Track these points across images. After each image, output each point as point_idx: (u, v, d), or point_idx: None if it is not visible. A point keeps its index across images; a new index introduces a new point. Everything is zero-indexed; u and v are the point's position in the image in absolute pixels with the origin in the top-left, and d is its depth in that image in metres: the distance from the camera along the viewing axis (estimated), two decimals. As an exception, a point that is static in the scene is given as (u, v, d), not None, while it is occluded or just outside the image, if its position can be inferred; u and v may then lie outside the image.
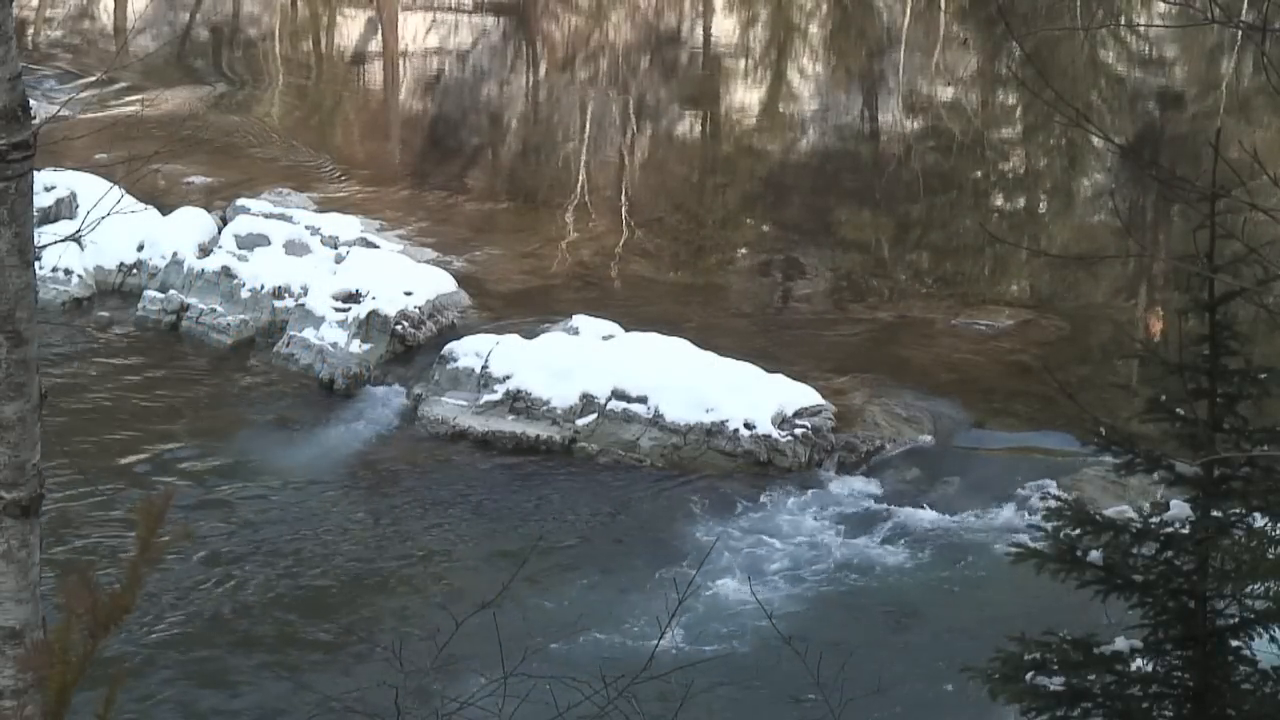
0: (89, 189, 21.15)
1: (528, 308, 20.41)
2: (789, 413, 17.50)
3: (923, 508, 16.44)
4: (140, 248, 21.35)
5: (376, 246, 21.28)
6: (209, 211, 22.20)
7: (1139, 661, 7.66)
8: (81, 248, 20.83)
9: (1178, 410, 7.68)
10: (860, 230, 24.56)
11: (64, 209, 21.75)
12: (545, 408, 17.95)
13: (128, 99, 26.70)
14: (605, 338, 18.72)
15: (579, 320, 19.06)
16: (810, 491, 16.79)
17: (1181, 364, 7.63)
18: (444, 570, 15.60)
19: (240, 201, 22.44)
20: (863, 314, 20.97)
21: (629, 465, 17.45)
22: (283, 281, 20.37)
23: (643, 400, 17.75)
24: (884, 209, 25.38)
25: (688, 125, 30.35)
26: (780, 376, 17.95)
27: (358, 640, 14.03)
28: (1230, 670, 7.62)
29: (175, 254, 21.08)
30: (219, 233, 21.56)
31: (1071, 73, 31.06)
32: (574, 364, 18.14)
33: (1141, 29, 31.47)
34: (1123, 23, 33.02)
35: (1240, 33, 17.25)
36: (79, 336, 20.38)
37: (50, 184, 21.70)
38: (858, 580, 15.39)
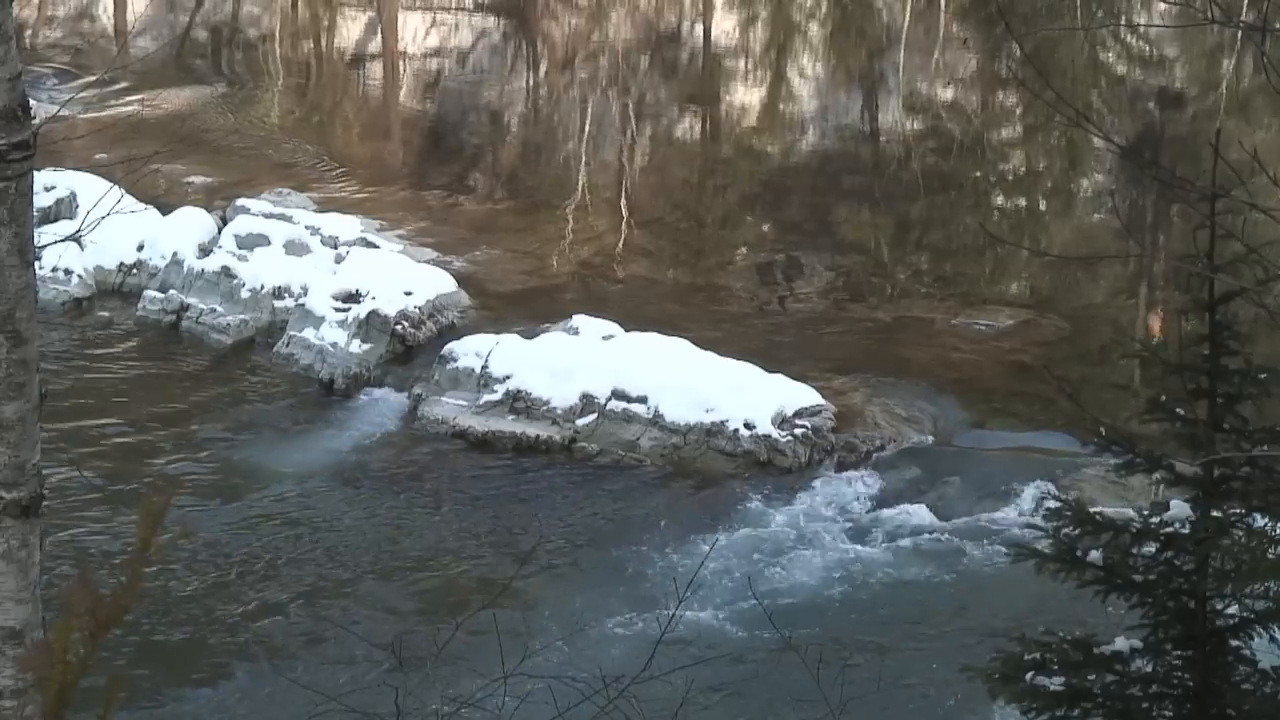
0: (89, 189, 21.16)
1: (528, 308, 20.41)
2: (789, 413, 17.49)
3: (923, 508, 16.43)
4: (140, 248, 21.36)
5: (376, 246, 21.28)
6: (209, 211, 22.20)
7: (1139, 661, 7.66)
8: (81, 248, 20.84)
9: (1178, 410, 7.68)
10: (860, 230, 24.56)
11: (64, 209, 21.76)
12: (545, 408, 17.94)
13: (128, 99, 26.70)
14: (605, 338, 18.71)
15: (579, 320, 19.06)
16: (810, 491, 16.79)
17: (1181, 364, 7.63)
18: (444, 570, 15.60)
19: (240, 201, 22.44)
20: (863, 314, 20.97)
21: (629, 465, 17.45)
22: (283, 281, 20.38)
23: (643, 400, 17.74)
24: (884, 209, 25.38)
25: (688, 125, 30.34)
26: (780, 376, 17.95)
27: (358, 640, 14.02)
28: (1230, 670, 7.62)
29: (175, 254, 21.08)
30: (219, 233, 21.56)
31: (1071, 73, 31.05)
32: (574, 364, 18.14)
33: (1141, 29, 31.46)
34: (1123, 23, 33.01)
35: (1240, 33, 17.26)
36: (79, 336, 20.39)
37: (50, 184, 21.71)
38: (858, 580, 15.38)
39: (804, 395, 17.70)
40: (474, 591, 14.74)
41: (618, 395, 17.84)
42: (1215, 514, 7.51)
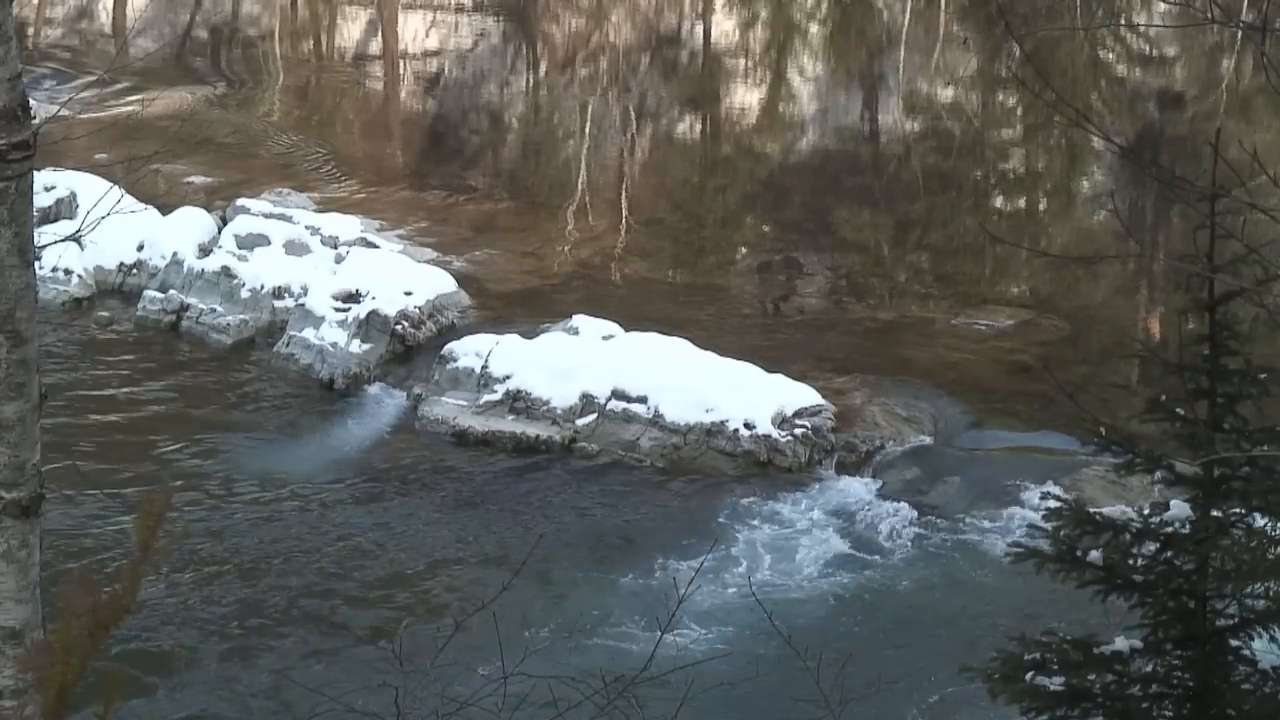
0: (89, 189, 21.17)
1: (528, 308, 20.41)
2: (789, 413, 17.49)
3: (923, 508, 16.42)
4: (140, 248, 21.36)
5: (376, 246, 21.29)
6: (209, 211, 22.21)
7: (1139, 661, 7.66)
8: (81, 248, 20.85)
9: (1178, 410, 7.67)
10: (860, 230, 24.56)
11: (64, 209, 21.76)
12: (545, 408, 17.94)
13: (128, 99, 26.71)
14: (605, 338, 18.71)
15: (579, 320, 19.06)
16: (810, 491, 16.79)
17: (1181, 364, 7.62)
18: (444, 570, 15.59)
19: (240, 201, 22.45)
20: (863, 314, 20.97)
21: (629, 465, 17.45)
22: (283, 281, 20.38)
23: (643, 400, 17.74)
24: (884, 209, 25.38)
25: (688, 126, 30.35)
26: (780, 376, 17.95)
27: (358, 640, 14.02)
28: (1230, 670, 7.61)
29: (175, 254, 21.09)
30: (219, 233, 21.57)
31: (1071, 73, 31.07)
32: (574, 364, 18.14)
33: (1141, 29, 31.47)
34: (1123, 23, 33.03)
35: (1240, 33, 17.25)
36: (79, 336, 20.39)
37: (50, 184, 21.72)
38: (858, 580, 15.38)
39: (804, 395, 17.70)
40: (474, 591, 14.73)
41: (618, 395, 17.84)
42: (1215, 514, 7.50)
